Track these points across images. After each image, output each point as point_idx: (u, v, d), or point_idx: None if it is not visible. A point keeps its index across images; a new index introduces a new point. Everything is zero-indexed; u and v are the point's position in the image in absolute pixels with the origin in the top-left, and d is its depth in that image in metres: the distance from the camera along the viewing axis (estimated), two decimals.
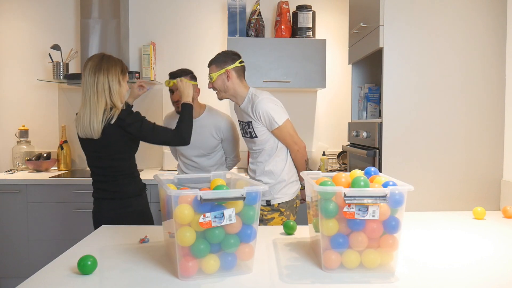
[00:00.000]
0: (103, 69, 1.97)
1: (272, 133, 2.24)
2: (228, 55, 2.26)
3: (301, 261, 1.38)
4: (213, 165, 2.62)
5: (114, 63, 2.02)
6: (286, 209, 2.29)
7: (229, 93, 2.26)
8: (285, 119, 2.23)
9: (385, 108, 2.19)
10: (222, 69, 2.21)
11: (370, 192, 1.23)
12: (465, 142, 2.19)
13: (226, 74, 2.21)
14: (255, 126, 2.23)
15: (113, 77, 1.98)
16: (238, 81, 2.24)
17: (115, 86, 1.98)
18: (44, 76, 3.65)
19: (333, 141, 3.79)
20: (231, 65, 2.22)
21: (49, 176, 3.19)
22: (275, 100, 2.27)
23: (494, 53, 2.18)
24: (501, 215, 2.01)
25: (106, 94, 1.96)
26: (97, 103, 1.95)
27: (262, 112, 2.18)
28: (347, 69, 3.61)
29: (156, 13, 3.70)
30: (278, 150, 2.27)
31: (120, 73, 2.02)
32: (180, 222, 1.20)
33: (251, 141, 2.32)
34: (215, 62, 2.25)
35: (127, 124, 1.97)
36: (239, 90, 2.25)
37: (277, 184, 2.27)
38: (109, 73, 1.98)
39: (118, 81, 2.00)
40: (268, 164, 2.27)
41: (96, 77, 1.96)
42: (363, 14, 2.46)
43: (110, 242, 1.59)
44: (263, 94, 2.24)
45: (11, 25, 3.67)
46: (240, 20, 3.44)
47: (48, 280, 1.22)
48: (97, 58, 2.02)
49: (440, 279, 1.24)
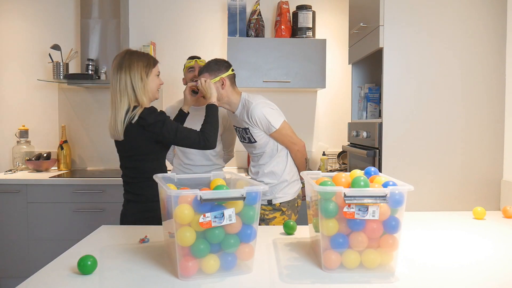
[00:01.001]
0: (124, 67, 1.90)
1: (270, 136, 2.23)
2: (221, 63, 2.21)
3: (301, 261, 1.38)
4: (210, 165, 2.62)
5: (137, 59, 1.93)
6: (287, 208, 2.29)
7: (223, 101, 2.21)
8: (282, 121, 2.21)
9: (385, 108, 2.19)
10: (216, 77, 2.15)
11: (370, 192, 1.23)
12: (465, 142, 2.19)
13: (221, 82, 2.17)
14: (253, 132, 2.22)
15: (135, 74, 1.90)
16: (231, 88, 2.21)
17: (138, 83, 1.90)
18: (44, 76, 3.65)
19: (333, 141, 3.79)
20: (225, 73, 2.17)
21: (49, 176, 3.19)
22: (270, 103, 2.25)
23: (494, 53, 2.18)
24: (501, 215, 2.01)
25: (129, 93, 1.89)
26: (120, 103, 1.89)
27: (258, 117, 2.16)
28: (347, 69, 3.61)
29: (156, 13, 3.70)
30: (279, 151, 2.27)
31: (143, 69, 1.92)
32: (180, 222, 1.20)
33: (251, 146, 2.31)
34: (209, 70, 2.17)
35: (148, 124, 1.88)
36: (233, 98, 2.22)
37: (279, 184, 2.27)
38: (131, 70, 1.90)
39: (141, 77, 1.91)
40: (269, 165, 2.27)
41: (118, 76, 1.91)
42: (363, 14, 2.46)
43: (110, 242, 1.59)
44: (256, 98, 2.21)
45: (11, 25, 3.67)
46: (240, 20, 3.44)
47: (48, 280, 1.22)
48: (119, 56, 1.95)
49: (440, 279, 1.24)
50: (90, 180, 3.12)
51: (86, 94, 3.68)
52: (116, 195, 3.06)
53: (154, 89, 1.99)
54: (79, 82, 3.36)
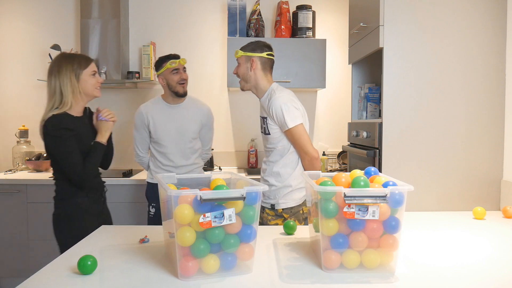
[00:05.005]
0: (54, 71, 1.92)
1: (284, 134, 2.15)
2: (258, 44, 2.19)
3: (301, 261, 1.38)
4: (190, 164, 2.65)
5: (66, 62, 1.92)
6: (290, 215, 2.18)
7: (251, 83, 2.19)
8: (298, 123, 2.10)
9: (385, 108, 2.19)
10: (247, 53, 2.15)
11: (370, 192, 1.23)
12: (465, 142, 2.19)
13: (251, 62, 2.15)
14: (268, 123, 2.16)
15: (63, 78, 1.90)
16: (262, 73, 2.18)
17: (66, 87, 1.90)
18: (44, 76, 3.63)
19: (333, 141, 3.79)
20: (257, 54, 2.15)
21: (49, 176, 3.18)
22: (295, 101, 2.16)
23: (494, 53, 2.18)
24: (501, 215, 2.01)
25: (57, 96, 1.91)
26: (48, 104, 1.93)
27: (275, 110, 2.08)
28: (347, 69, 3.61)
29: (156, 13, 3.70)
30: (290, 152, 2.17)
31: (72, 72, 1.91)
32: (180, 222, 1.20)
33: (265, 138, 2.24)
34: (243, 47, 2.19)
35: (45, 132, 1.90)
36: (261, 83, 2.18)
37: (283, 188, 2.17)
38: (60, 74, 1.91)
39: (70, 80, 1.90)
40: (277, 165, 2.18)
41: (49, 80, 1.93)
42: (363, 14, 2.46)
43: (110, 242, 1.59)
44: (283, 91, 2.16)
45: (11, 25, 3.67)
46: (240, 20, 3.44)
47: (48, 280, 1.22)
48: (52, 61, 1.97)
49: (440, 279, 1.24)
50: None
51: None
52: (116, 195, 3.06)
53: (89, 89, 1.98)
54: None
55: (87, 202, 2.00)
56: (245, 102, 3.74)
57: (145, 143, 2.68)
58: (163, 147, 2.61)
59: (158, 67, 2.60)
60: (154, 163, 2.66)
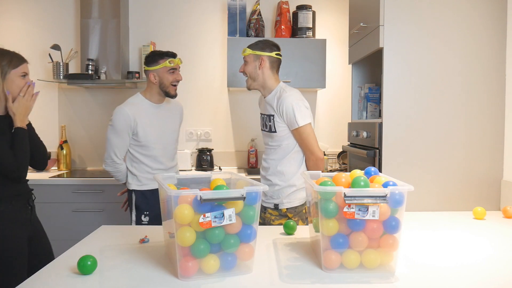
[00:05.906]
0: None
1: (291, 133, 2.16)
2: (267, 43, 2.21)
3: (301, 261, 1.38)
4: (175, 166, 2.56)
5: None
6: (294, 215, 2.19)
7: (258, 82, 2.20)
8: (307, 122, 2.12)
9: (385, 108, 2.19)
10: (256, 52, 2.16)
11: (370, 192, 1.23)
12: (465, 142, 2.19)
13: (260, 61, 2.16)
14: (276, 121, 2.16)
15: None
16: (270, 72, 2.19)
17: None
18: (44, 76, 3.65)
19: (333, 141, 3.79)
20: (267, 53, 2.17)
21: (49, 176, 3.19)
22: (305, 101, 2.18)
23: (494, 53, 2.18)
24: (501, 215, 2.01)
25: None
26: None
27: (286, 108, 2.09)
28: (347, 69, 3.61)
29: (156, 13, 3.70)
30: (294, 151, 2.18)
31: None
32: (180, 222, 1.20)
33: (269, 136, 2.24)
34: (252, 45, 2.19)
35: None
36: (269, 82, 2.20)
37: (287, 188, 2.18)
38: None
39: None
40: (280, 163, 2.18)
41: None
42: (363, 14, 2.46)
43: (110, 242, 1.59)
44: (292, 90, 2.18)
45: (11, 25, 3.67)
46: (240, 20, 3.44)
47: (48, 280, 1.22)
48: None
49: (440, 279, 1.24)
50: (90, 180, 3.12)
51: (86, 94, 3.67)
52: (116, 195, 3.06)
53: (15, 90, 1.89)
54: (79, 82, 3.35)
55: (11, 209, 1.85)
56: (245, 102, 3.74)
57: (125, 149, 2.39)
58: (152, 150, 2.40)
59: (152, 63, 2.37)
60: (140, 168, 2.42)
